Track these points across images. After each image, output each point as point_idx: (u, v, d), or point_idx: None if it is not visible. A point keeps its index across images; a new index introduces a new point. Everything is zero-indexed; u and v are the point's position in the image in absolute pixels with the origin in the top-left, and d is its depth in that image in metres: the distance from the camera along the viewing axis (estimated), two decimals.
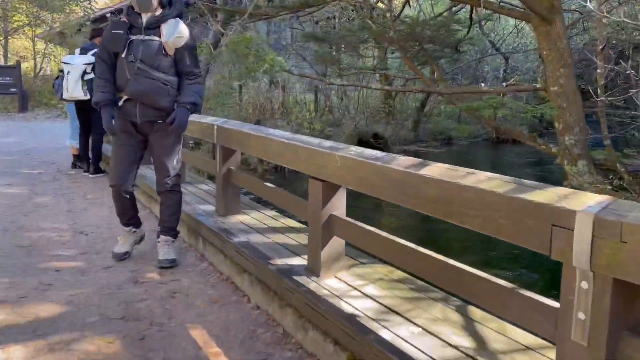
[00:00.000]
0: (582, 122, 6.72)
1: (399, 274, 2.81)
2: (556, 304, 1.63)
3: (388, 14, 7.64)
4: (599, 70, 5.82)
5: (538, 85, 6.97)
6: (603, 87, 5.95)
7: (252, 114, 12.99)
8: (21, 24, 20.92)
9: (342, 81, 9.10)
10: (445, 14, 8.49)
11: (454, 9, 9.73)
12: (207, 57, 8.50)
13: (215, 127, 3.97)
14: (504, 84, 8.11)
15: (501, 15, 13.07)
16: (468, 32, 8.88)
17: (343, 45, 9.43)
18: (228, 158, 3.99)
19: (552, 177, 10.84)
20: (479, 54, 20.35)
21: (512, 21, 21.14)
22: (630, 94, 6.24)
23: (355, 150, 2.55)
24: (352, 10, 15.58)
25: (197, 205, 4.47)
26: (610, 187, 6.35)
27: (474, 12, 8.59)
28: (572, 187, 6.86)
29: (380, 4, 12.98)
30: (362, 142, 13.78)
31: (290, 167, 3.20)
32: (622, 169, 6.13)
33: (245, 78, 7.55)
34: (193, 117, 3.90)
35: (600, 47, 5.67)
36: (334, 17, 16.17)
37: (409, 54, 8.11)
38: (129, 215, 3.84)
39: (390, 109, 17.41)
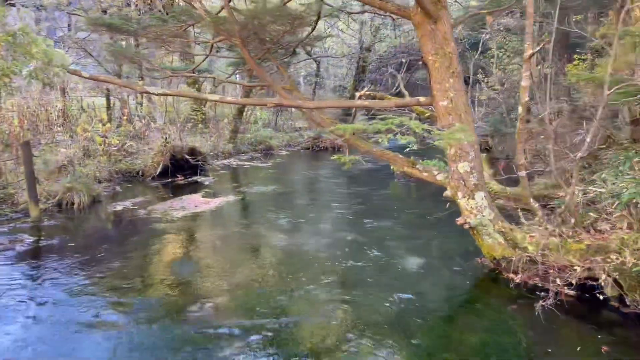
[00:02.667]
0: (476, 145, 5.50)
1: None
2: None
3: None
4: (523, 84, 4.58)
5: (422, 99, 5.55)
6: (525, 107, 4.75)
7: (19, 130, 9.37)
8: None
9: (154, 87, 6.47)
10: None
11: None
12: None
13: None
14: (357, 94, 6.54)
15: None
16: (313, 30, 7.14)
17: (150, 39, 6.91)
18: None
19: (379, 192, 9.87)
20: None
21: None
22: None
23: None
24: None
25: None
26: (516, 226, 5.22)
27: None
28: (470, 226, 5.61)
29: None
30: (176, 160, 11.18)
31: None
32: (536, 204, 5.01)
33: None
34: None
35: (528, 53, 4.43)
36: (128, 5, 13.08)
37: (251, 53, 6.02)
38: None
39: (203, 116, 15.02)
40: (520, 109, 4.50)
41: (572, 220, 4.99)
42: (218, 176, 11.43)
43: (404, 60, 22.52)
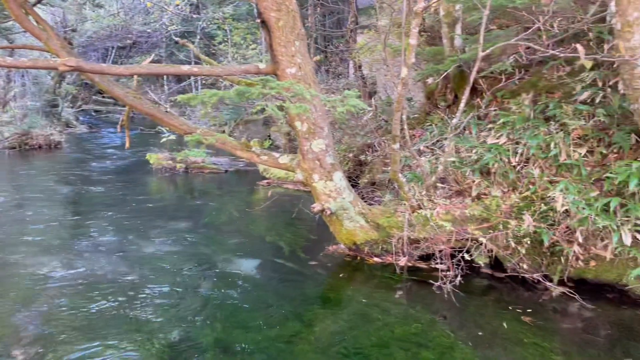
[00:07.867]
0: (327, 120, 4.81)
1: None
2: None
3: None
4: (411, 42, 3.92)
5: (262, 66, 4.53)
6: (408, 69, 4.18)
7: None
8: None
9: None
10: None
11: None
12: None
13: None
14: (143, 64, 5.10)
15: None
16: None
17: None
18: None
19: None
20: None
21: None
22: None
23: None
24: None
25: None
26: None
27: None
28: (330, 212, 4.88)
29: None
30: None
31: None
32: (403, 179, 4.62)
33: None
34: None
35: (421, 5, 3.83)
36: None
37: None
38: None
39: None
40: (404, 70, 4.03)
41: (424, 192, 4.83)
42: None
43: (120, 45, 20.10)
